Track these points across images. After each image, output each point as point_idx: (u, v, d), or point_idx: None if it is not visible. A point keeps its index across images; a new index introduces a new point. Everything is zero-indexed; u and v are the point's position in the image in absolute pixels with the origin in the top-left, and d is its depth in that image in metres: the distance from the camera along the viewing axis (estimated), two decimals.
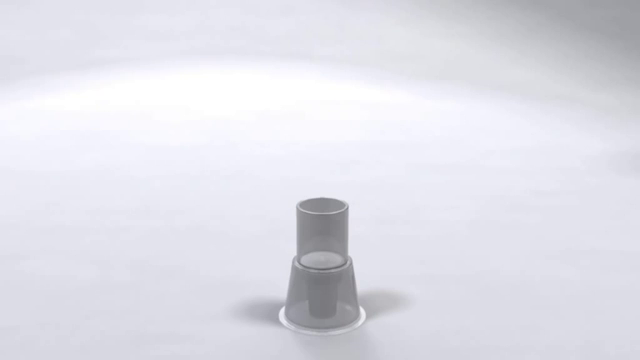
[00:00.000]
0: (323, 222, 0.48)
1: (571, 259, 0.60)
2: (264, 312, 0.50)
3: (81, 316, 0.53)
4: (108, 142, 0.82)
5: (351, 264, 0.50)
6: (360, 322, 0.49)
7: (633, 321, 0.52)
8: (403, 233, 0.63)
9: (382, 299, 0.53)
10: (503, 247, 0.61)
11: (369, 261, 0.58)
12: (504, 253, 0.59)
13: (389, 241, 0.62)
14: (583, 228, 0.65)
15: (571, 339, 0.51)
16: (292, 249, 0.58)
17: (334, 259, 0.49)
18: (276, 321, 0.49)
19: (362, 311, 0.50)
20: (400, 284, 0.56)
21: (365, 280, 0.56)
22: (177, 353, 0.47)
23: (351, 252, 0.56)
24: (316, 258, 0.49)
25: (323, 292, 0.49)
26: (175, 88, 0.98)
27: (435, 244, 0.62)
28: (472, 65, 1.05)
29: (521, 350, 0.49)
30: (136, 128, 0.85)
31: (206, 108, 0.92)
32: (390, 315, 0.51)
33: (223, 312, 0.51)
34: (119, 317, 0.50)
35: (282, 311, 0.49)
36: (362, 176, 0.73)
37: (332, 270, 0.49)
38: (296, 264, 0.51)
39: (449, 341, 0.50)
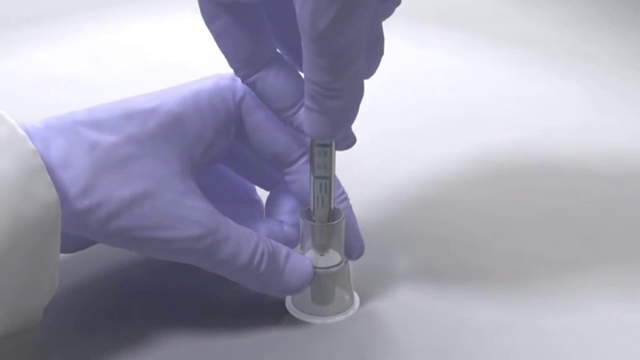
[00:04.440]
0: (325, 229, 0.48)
1: None
2: (271, 301, 0.50)
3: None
4: None
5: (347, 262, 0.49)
6: (354, 309, 0.50)
7: None
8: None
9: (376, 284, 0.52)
10: (501, 243, 0.58)
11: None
12: (503, 243, 0.58)
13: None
14: None
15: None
16: None
17: (335, 256, 0.49)
18: (283, 307, 0.50)
19: (356, 298, 0.51)
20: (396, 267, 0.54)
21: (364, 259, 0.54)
22: (183, 342, 0.47)
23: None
24: (315, 256, 0.49)
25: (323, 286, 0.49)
26: None
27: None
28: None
29: (515, 327, 0.48)
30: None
31: None
32: (384, 301, 0.51)
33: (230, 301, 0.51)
34: (126, 312, 0.50)
35: (288, 299, 0.50)
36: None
37: (332, 268, 0.49)
38: None
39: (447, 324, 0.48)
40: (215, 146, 0.49)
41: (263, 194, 0.63)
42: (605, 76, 0.92)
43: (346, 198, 0.51)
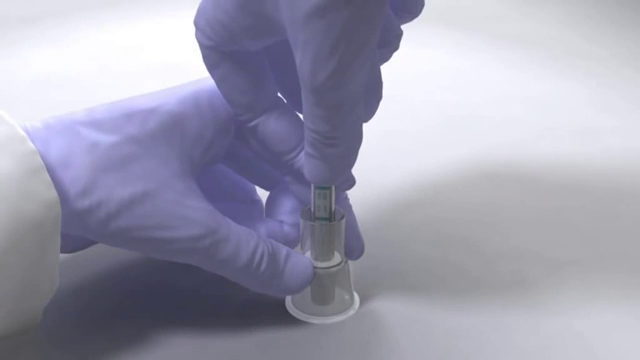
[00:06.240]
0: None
1: None
2: (271, 301, 0.50)
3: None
4: None
5: (347, 261, 0.49)
6: (354, 309, 0.50)
7: None
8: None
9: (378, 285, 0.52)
10: (507, 236, 0.58)
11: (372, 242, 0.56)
12: (503, 243, 0.58)
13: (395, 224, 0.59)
14: None
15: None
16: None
17: (335, 256, 0.49)
18: (283, 307, 0.50)
19: (356, 298, 0.51)
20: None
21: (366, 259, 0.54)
22: (183, 342, 0.47)
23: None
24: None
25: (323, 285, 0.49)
26: None
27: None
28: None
29: (515, 325, 0.47)
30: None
31: None
32: (384, 301, 0.51)
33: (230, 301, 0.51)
34: (126, 312, 0.49)
35: (288, 299, 0.50)
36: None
37: (333, 268, 0.49)
38: None
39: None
40: (215, 146, 0.49)
41: (263, 194, 0.63)
42: (605, 76, 0.92)
43: (346, 198, 0.51)
